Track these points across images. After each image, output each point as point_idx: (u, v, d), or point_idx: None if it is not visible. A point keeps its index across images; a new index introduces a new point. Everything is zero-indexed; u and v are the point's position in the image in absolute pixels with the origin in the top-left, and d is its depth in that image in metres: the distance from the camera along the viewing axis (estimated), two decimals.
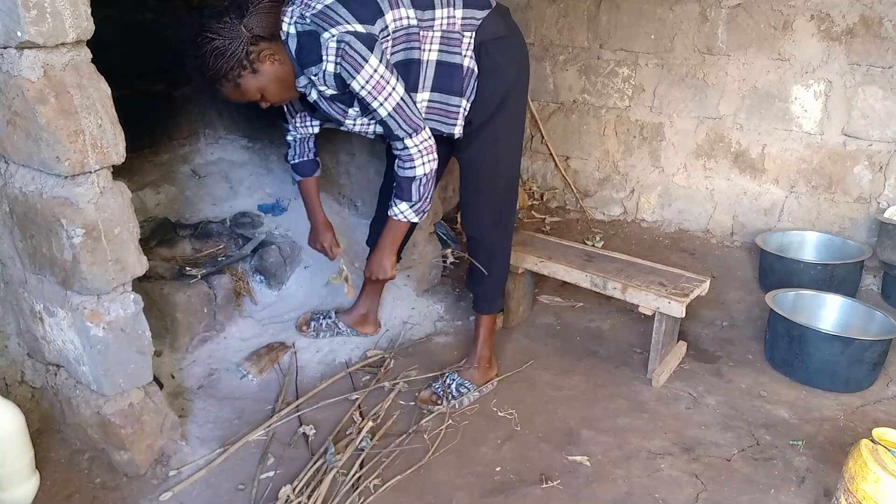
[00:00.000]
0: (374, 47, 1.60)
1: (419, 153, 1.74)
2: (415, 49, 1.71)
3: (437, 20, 1.72)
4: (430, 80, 1.77)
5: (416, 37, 1.70)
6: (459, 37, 1.74)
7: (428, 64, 1.75)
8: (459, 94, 1.78)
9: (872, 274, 2.75)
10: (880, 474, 1.40)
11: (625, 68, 3.26)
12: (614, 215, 3.50)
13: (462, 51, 1.75)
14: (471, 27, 1.75)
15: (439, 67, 1.76)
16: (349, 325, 2.34)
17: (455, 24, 1.74)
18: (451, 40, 1.74)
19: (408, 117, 1.69)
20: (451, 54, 1.75)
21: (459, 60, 1.75)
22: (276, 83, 1.69)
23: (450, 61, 1.75)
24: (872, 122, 2.72)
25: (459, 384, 2.06)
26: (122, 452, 1.68)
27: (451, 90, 1.77)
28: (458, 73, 1.76)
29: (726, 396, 2.08)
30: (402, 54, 1.70)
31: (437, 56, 1.74)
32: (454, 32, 1.74)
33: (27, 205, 1.52)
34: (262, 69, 1.65)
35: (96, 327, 1.54)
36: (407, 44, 1.69)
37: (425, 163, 1.75)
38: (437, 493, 1.69)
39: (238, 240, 2.60)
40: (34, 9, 1.27)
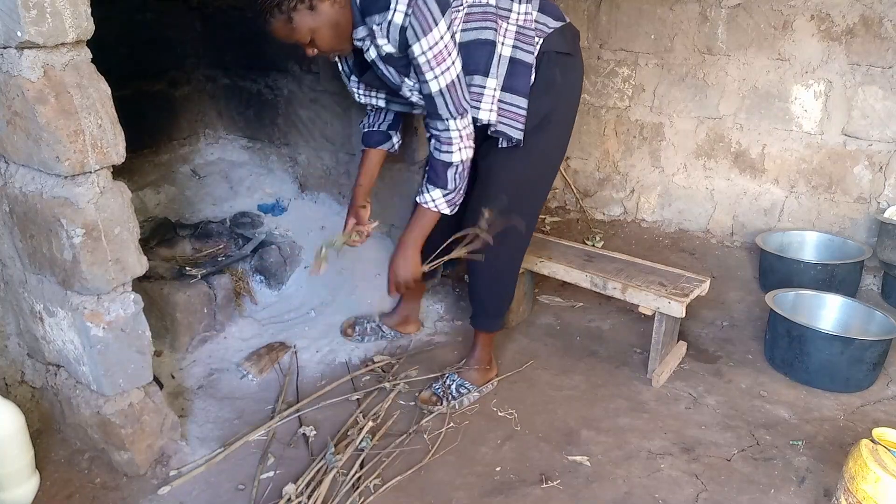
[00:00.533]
0: (446, 11, 1.49)
1: (459, 138, 1.61)
2: (490, 30, 1.60)
3: (513, 13, 1.63)
4: (503, 77, 1.65)
5: (494, 19, 1.59)
6: (533, 37, 1.65)
7: (502, 58, 1.64)
8: (526, 95, 1.67)
9: (872, 274, 2.75)
10: (880, 474, 1.40)
11: (625, 68, 3.26)
12: (614, 215, 3.50)
13: (534, 51, 1.67)
14: (541, 32, 1.67)
15: (511, 65, 1.64)
16: (392, 328, 2.36)
17: (531, 21, 1.65)
18: (526, 37, 1.64)
19: (457, 97, 1.56)
20: (526, 52, 1.65)
21: (531, 59, 1.65)
22: (332, 28, 1.55)
23: (523, 59, 1.65)
24: (872, 122, 2.72)
25: (459, 385, 2.06)
26: (122, 452, 1.68)
27: (519, 90, 1.66)
28: (528, 73, 1.65)
29: (726, 396, 2.08)
30: (476, 33, 1.59)
31: (511, 52, 1.64)
32: (529, 31, 1.64)
33: (27, 205, 1.52)
34: (320, 8, 1.51)
35: (96, 327, 1.54)
36: (483, 23, 1.59)
37: (463, 148, 1.63)
38: (437, 493, 1.69)
39: (238, 240, 2.60)
40: (34, 9, 1.27)
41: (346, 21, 1.56)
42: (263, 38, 2.73)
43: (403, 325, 2.38)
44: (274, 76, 2.76)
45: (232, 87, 2.93)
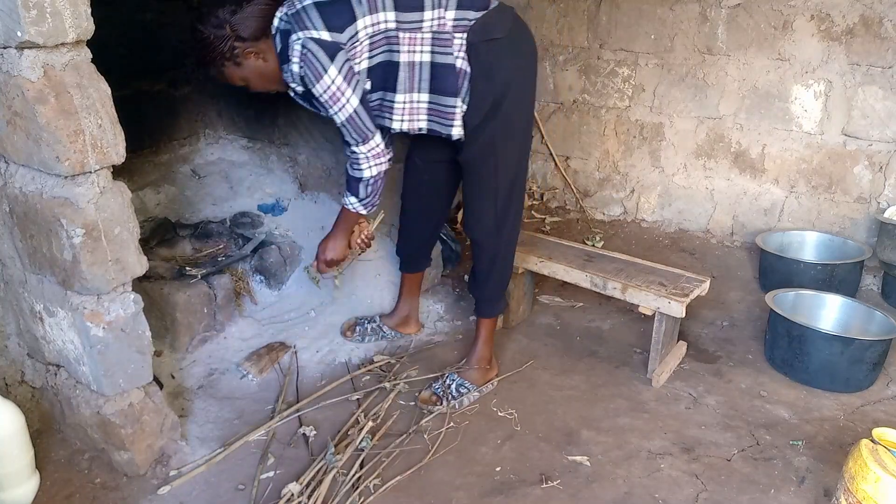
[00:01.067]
0: (335, 56, 1.66)
1: (366, 159, 1.81)
2: (394, 52, 1.75)
3: (425, 22, 1.74)
4: (427, 82, 1.79)
5: (396, 40, 1.74)
6: (450, 38, 1.75)
7: (417, 66, 1.77)
8: (454, 95, 1.79)
9: (872, 274, 2.75)
10: (880, 474, 1.40)
11: (625, 68, 3.26)
12: (614, 215, 3.50)
13: (454, 51, 1.76)
14: (462, 28, 1.75)
15: (434, 69, 1.78)
16: (393, 328, 2.37)
17: (445, 24, 1.75)
18: (443, 41, 1.75)
19: (358, 128, 1.75)
20: (444, 55, 1.76)
21: (451, 61, 1.76)
22: (259, 77, 1.80)
23: (443, 62, 1.77)
24: (872, 122, 2.72)
25: (459, 384, 2.06)
26: (122, 452, 1.68)
27: (445, 91, 1.79)
28: (452, 73, 1.77)
29: (726, 396, 2.08)
30: (383, 56, 1.75)
31: (431, 58, 1.77)
32: (445, 34, 1.75)
33: (27, 205, 1.52)
34: (244, 63, 1.76)
35: (96, 327, 1.54)
36: (388, 46, 1.75)
37: (372, 167, 1.83)
38: (437, 493, 1.69)
39: (238, 240, 2.60)
40: (34, 9, 1.27)
41: (272, 69, 1.78)
42: None
43: (404, 325, 2.39)
44: None
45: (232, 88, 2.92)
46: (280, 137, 2.88)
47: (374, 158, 1.82)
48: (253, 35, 1.72)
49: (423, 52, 1.76)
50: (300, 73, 1.70)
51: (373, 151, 1.80)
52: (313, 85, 1.69)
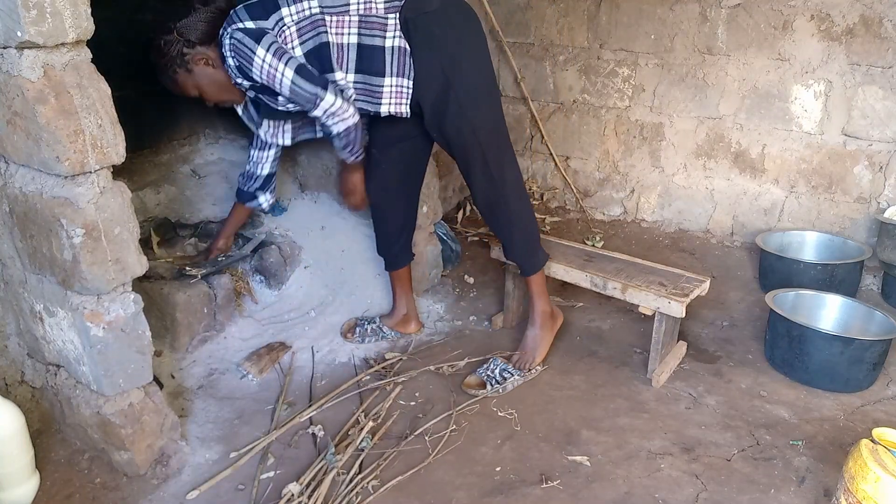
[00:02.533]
0: (261, 39, 1.73)
1: (328, 116, 1.85)
2: (322, 34, 1.80)
3: (351, 5, 1.80)
4: (353, 62, 1.85)
5: (322, 22, 1.79)
6: (383, 20, 1.80)
7: (345, 47, 1.82)
8: (381, 75, 1.84)
9: (872, 274, 2.75)
10: (880, 474, 1.40)
11: (625, 68, 3.26)
12: (614, 215, 3.50)
13: (385, 33, 1.81)
14: (394, 9, 1.80)
15: (360, 50, 1.82)
16: (393, 328, 2.38)
17: (373, 8, 1.80)
18: (371, 24, 1.80)
19: (304, 94, 1.79)
20: (372, 37, 1.81)
21: (381, 43, 1.81)
22: (212, 85, 1.89)
23: (370, 44, 1.82)
24: (872, 122, 2.72)
25: (503, 369, 2.11)
26: (122, 452, 1.68)
27: (371, 71, 1.84)
28: (379, 55, 1.82)
29: (726, 396, 2.08)
30: (313, 41, 1.81)
31: (357, 39, 1.82)
32: (373, 17, 1.80)
33: (27, 205, 1.52)
34: (195, 70, 1.85)
35: (96, 327, 1.54)
36: (314, 30, 1.80)
37: (338, 122, 1.87)
38: (437, 492, 1.69)
39: (238, 240, 2.60)
40: (34, 9, 1.27)
41: (223, 76, 1.87)
42: None
43: (404, 324, 2.39)
44: None
45: None
46: None
47: (336, 114, 1.85)
48: (200, 39, 1.81)
49: (350, 34, 1.81)
50: (236, 64, 1.78)
51: (331, 109, 1.83)
52: (250, 71, 1.76)
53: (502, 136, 2.02)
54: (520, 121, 3.67)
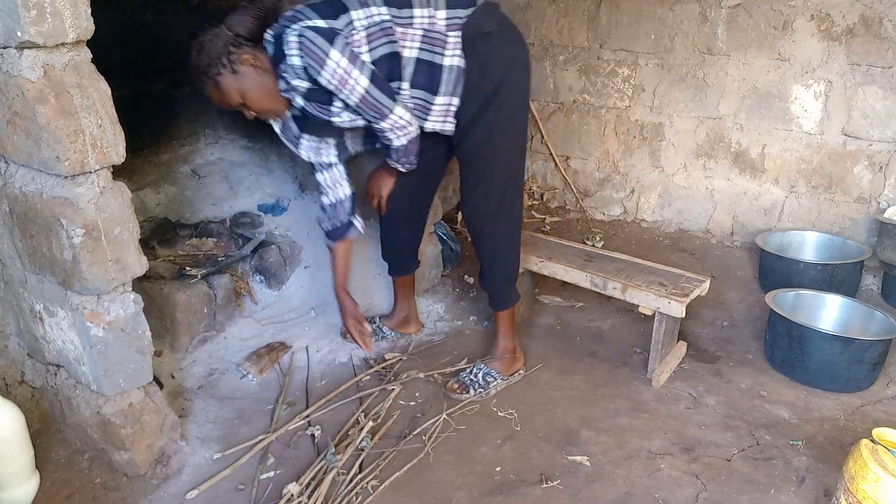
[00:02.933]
0: (334, 40, 1.62)
1: (392, 131, 1.79)
2: (393, 43, 1.73)
3: (416, 18, 1.74)
4: (411, 76, 1.78)
5: (392, 31, 1.72)
6: (444, 37, 1.75)
7: (409, 60, 1.76)
8: (435, 93, 1.80)
9: (872, 274, 2.75)
10: (880, 474, 1.40)
11: (625, 68, 3.26)
12: (614, 215, 3.50)
13: (445, 51, 1.76)
14: (456, 26, 1.76)
15: (419, 65, 1.77)
16: (393, 329, 2.37)
17: (436, 24, 1.75)
18: (434, 40, 1.75)
19: (374, 106, 1.72)
20: (433, 54, 1.76)
21: (440, 61, 1.77)
22: (257, 89, 1.73)
23: (431, 60, 1.76)
24: (872, 122, 2.72)
25: (486, 373, 2.09)
26: (122, 452, 1.68)
27: (429, 87, 1.80)
28: (438, 73, 1.78)
29: (726, 396, 2.08)
30: (386, 48, 1.72)
31: (419, 54, 1.76)
32: (437, 32, 1.75)
33: (27, 205, 1.52)
34: (241, 70, 1.69)
35: (96, 327, 1.54)
36: (386, 38, 1.72)
37: (400, 137, 1.82)
38: (437, 492, 1.69)
39: (238, 240, 2.60)
40: (34, 9, 1.27)
41: (270, 81, 1.74)
42: None
43: (404, 325, 2.39)
44: None
45: None
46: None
47: (399, 130, 1.79)
48: (250, 34, 1.68)
49: (413, 47, 1.75)
50: (302, 63, 1.64)
51: (397, 124, 1.77)
52: (318, 73, 1.63)
53: (516, 171, 1.99)
54: None
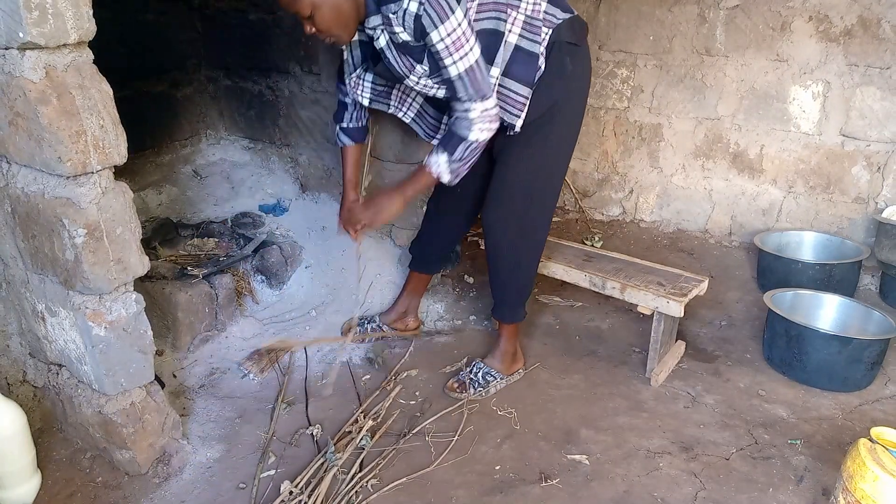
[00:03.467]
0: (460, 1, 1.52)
1: (479, 119, 1.63)
2: (501, 22, 1.65)
3: (523, 3, 1.67)
4: (505, 63, 1.68)
5: (504, 9, 1.64)
6: (540, 26, 1.68)
7: (507, 45, 1.67)
8: (529, 85, 1.70)
9: (870, 274, 2.76)
10: (879, 473, 1.41)
11: (623, 69, 3.27)
12: (613, 215, 3.51)
13: (541, 41, 1.68)
14: (550, 23, 1.69)
15: (517, 52, 1.67)
16: (391, 325, 2.36)
17: (539, 13, 1.68)
18: (534, 27, 1.67)
19: (477, 82, 1.58)
20: (532, 42, 1.68)
21: (538, 49, 1.68)
22: (333, 9, 1.56)
23: (528, 49, 1.68)
24: (870, 123, 2.73)
25: (486, 373, 2.09)
26: (124, 451, 1.68)
27: (522, 78, 1.69)
28: (534, 63, 1.68)
29: (725, 396, 2.09)
30: (490, 23, 1.64)
31: (517, 40, 1.67)
32: (537, 20, 1.67)
33: (29, 205, 1.52)
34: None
35: (98, 327, 1.55)
36: (495, 13, 1.64)
37: (482, 129, 1.65)
38: (436, 491, 1.70)
39: (239, 240, 2.61)
40: (36, 10, 1.28)
41: (350, 9, 1.58)
42: (264, 39, 2.75)
43: (401, 320, 2.38)
44: (275, 77, 2.77)
45: (233, 88, 2.94)
46: (281, 138, 2.89)
47: (485, 120, 1.64)
48: None
49: (513, 32, 1.66)
50: (417, 11, 1.49)
51: (488, 112, 1.63)
52: (434, 28, 1.49)
53: (547, 199, 1.93)
54: None
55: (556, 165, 1.92)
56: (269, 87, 2.81)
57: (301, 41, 2.60)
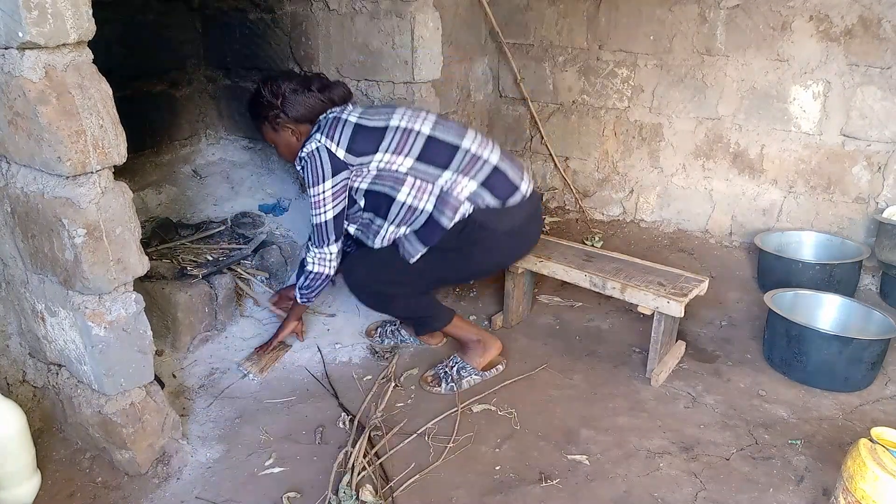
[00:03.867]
0: (338, 174, 1.87)
1: (314, 256, 2.01)
2: (394, 189, 1.92)
3: (441, 179, 1.90)
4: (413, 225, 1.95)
5: (403, 179, 1.91)
6: (457, 203, 1.90)
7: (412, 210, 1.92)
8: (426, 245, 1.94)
9: (871, 274, 2.75)
10: (879, 473, 1.40)
11: (624, 69, 3.27)
12: (613, 215, 3.51)
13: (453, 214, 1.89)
14: (473, 203, 1.90)
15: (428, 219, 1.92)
16: (411, 335, 2.34)
17: (461, 190, 1.90)
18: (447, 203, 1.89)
19: (321, 234, 1.96)
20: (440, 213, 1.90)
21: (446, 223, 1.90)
22: (286, 147, 2.03)
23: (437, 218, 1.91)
24: (871, 123, 2.72)
25: (461, 367, 2.11)
26: (124, 452, 1.68)
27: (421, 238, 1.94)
28: (436, 230, 1.92)
29: (725, 396, 2.09)
30: (380, 187, 1.93)
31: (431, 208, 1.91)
32: (453, 198, 1.89)
33: (29, 205, 1.52)
34: (280, 132, 1.99)
35: (98, 327, 1.55)
36: (390, 182, 1.91)
37: (316, 264, 2.01)
38: (436, 491, 1.70)
39: (239, 240, 2.61)
40: (36, 9, 1.28)
41: (297, 146, 1.99)
42: (264, 39, 2.75)
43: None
44: None
45: (233, 88, 2.94)
46: None
47: (320, 261, 2.01)
48: (296, 118, 1.95)
49: (427, 202, 1.91)
50: (300, 164, 1.93)
51: (322, 256, 2.00)
52: (307, 184, 1.90)
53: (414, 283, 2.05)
54: (519, 121, 3.68)
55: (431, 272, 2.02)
56: None
57: (301, 41, 2.61)
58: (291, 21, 2.60)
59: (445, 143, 1.91)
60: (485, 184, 1.91)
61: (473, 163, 1.91)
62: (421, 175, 1.90)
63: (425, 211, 1.92)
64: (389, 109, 1.95)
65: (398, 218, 1.95)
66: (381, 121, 1.90)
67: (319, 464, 1.78)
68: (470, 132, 1.96)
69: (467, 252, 1.97)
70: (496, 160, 1.95)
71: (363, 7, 2.37)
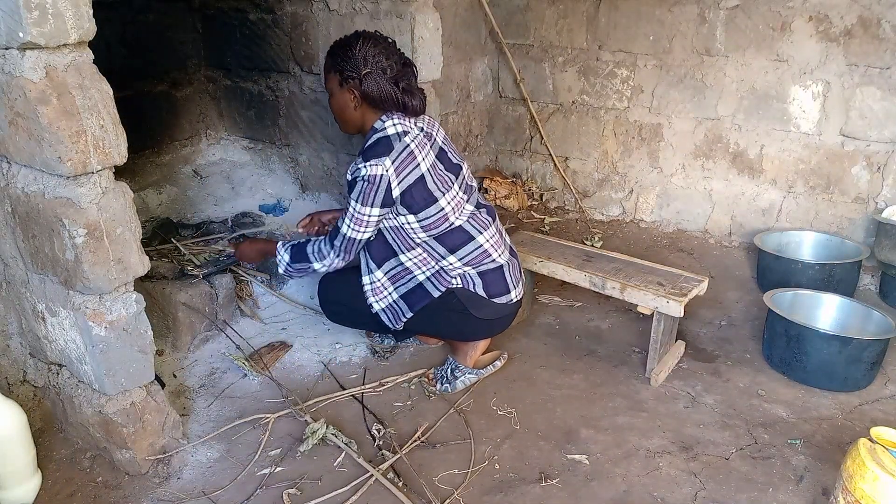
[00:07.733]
0: (384, 205, 1.84)
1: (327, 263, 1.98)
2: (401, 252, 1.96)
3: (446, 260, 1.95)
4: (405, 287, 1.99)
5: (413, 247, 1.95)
6: (451, 278, 1.95)
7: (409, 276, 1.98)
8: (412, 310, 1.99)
9: (870, 274, 2.76)
10: (878, 473, 1.41)
11: (624, 69, 3.27)
12: (613, 215, 3.51)
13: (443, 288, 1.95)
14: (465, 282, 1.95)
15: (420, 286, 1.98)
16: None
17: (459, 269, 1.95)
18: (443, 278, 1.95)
19: (343, 247, 1.93)
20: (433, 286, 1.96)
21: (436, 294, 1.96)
22: (340, 108, 1.96)
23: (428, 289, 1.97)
24: (870, 123, 2.73)
25: (455, 368, 2.12)
26: (124, 451, 1.68)
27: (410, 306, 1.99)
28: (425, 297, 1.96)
29: (724, 395, 2.09)
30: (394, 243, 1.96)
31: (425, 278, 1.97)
32: (448, 275, 1.95)
33: (29, 205, 1.53)
34: (344, 90, 1.90)
35: (98, 327, 1.55)
36: (402, 241, 1.95)
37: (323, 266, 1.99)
38: (436, 491, 1.70)
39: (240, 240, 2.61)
40: (36, 10, 1.28)
41: (351, 116, 1.94)
42: (264, 39, 2.76)
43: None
44: (275, 77, 2.77)
45: (233, 88, 2.94)
46: (281, 138, 2.89)
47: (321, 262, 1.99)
48: (364, 94, 1.87)
49: (423, 273, 1.96)
50: (354, 174, 1.85)
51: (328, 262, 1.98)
52: (354, 196, 1.85)
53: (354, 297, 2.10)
54: (519, 122, 3.68)
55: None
56: (269, 87, 2.81)
57: (301, 41, 2.61)
58: (292, 21, 2.61)
59: (465, 233, 1.95)
60: (482, 275, 1.97)
61: (482, 258, 1.96)
62: (429, 250, 1.95)
63: (416, 278, 1.97)
64: (451, 179, 1.94)
65: (392, 272, 1.99)
66: (438, 190, 1.89)
67: (320, 463, 1.79)
68: (491, 228, 2.00)
69: (442, 315, 2.00)
70: (503, 262, 2.00)
71: (363, 7, 2.38)
